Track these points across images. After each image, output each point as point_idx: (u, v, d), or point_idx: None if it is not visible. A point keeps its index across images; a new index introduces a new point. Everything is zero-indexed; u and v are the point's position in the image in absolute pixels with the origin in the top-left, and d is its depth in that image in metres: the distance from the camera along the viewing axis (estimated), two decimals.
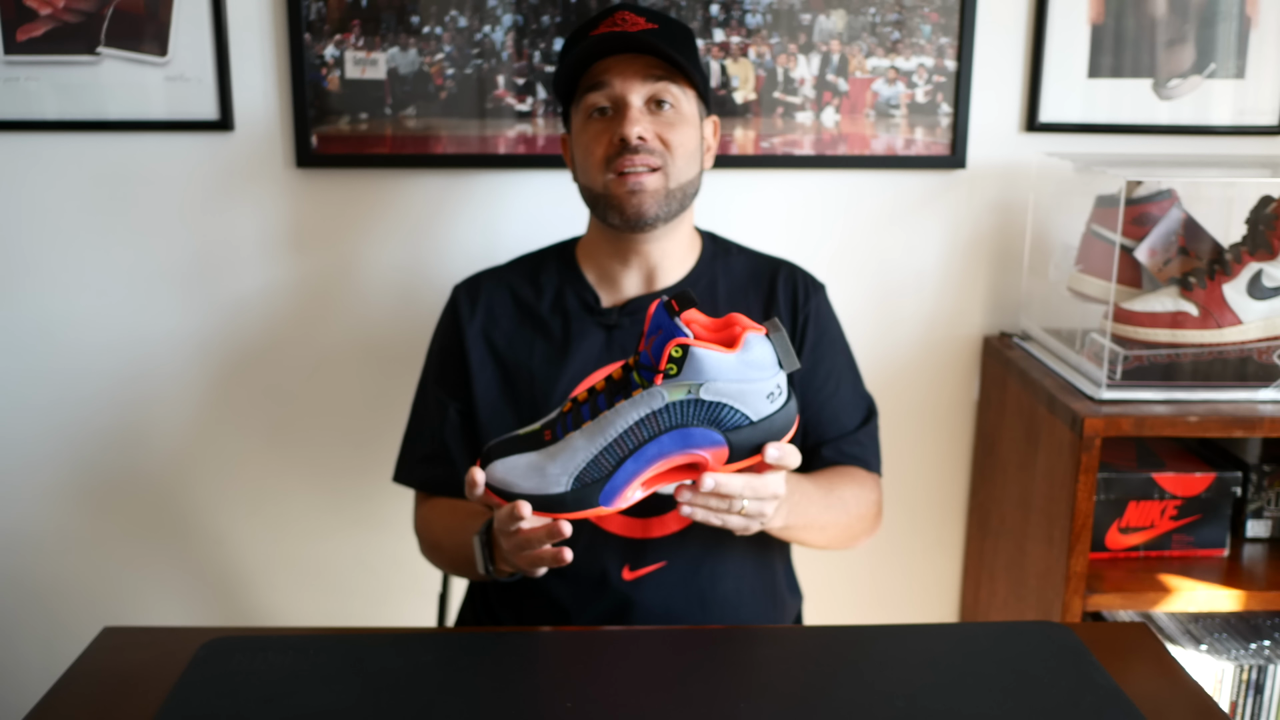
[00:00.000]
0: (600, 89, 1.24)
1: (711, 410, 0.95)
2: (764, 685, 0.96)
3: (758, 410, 0.97)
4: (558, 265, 1.38)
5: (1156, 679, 1.02)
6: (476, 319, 1.35)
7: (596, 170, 1.26)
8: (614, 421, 0.97)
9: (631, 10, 1.27)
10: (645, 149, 1.23)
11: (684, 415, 0.96)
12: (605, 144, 1.25)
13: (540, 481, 0.99)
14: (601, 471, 0.98)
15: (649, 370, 0.96)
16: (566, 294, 1.34)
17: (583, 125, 1.28)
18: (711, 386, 0.95)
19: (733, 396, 0.95)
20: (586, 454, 0.98)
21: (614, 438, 0.97)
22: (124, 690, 0.98)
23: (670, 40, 1.25)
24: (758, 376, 0.96)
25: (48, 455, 1.84)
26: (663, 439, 0.97)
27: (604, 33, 1.24)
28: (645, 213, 1.25)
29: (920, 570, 1.94)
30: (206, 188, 1.74)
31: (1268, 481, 1.66)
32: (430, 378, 1.40)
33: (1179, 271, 1.61)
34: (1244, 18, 1.75)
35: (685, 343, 0.95)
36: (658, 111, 1.25)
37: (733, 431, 0.97)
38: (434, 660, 1.00)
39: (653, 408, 0.96)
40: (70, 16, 1.67)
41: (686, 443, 0.97)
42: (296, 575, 1.90)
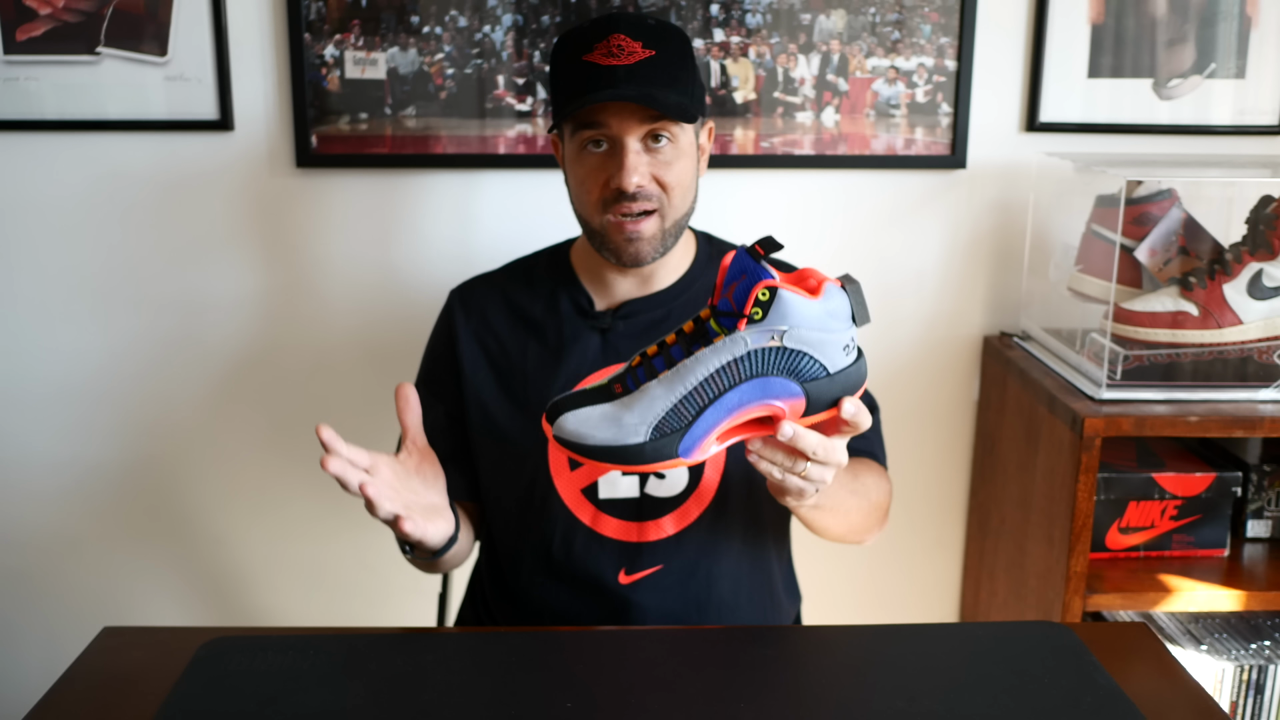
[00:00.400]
0: (594, 127, 1.20)
1: (792, 359, 0.94)
2: (764, 685, 0.96)
3: (835, 362, 0.95)
4: (551, 269, 1.37)
5: (1157, 679, 1.02)
6: (471, 324, 1.35)
7: (593, 208, 1.23)
8: (694, 369, 0.94)
9: (627, 32, 1.19)
10: (643, 195, 1.20)
11: (765, 364, 0.94)
12: (601, 184, 1.21)
13: (617, 432, 0.96)
14: (681, 421, 0.95)
15: (730, 317, 0.94)
16: (560, 297, 1.33)
17: (576, 154, 1.24)
18: (795, 334, 0.93)
19: (813, 345, 0.93)
20: (666, 402, 0.95)
21: (694, 385, 0.94)
22: (124, 690, 0.98)
23: (667, 68, 1.19)
24: (836, 327, 0.94)
25: (48, 455, 1.84)
26: (743, 387, 0.94)
27: (599, 64, 1.18)
28: (643, 258, 1.24)
29: (920, 570, 1.94)
30: (206, 188, 1.74)
31: (1268, 481, 1.66)
32: (421, 381, 1.39)
33: (1179, 271, 1.61)
34: (1244, 17, 1.75)
35: (774, 284, 0.92)
36: (654, 148, 1.21)
37: (810, 383, 0.95)
38: (434, 660, 1.00)
39: (734, 354, 0.93)
40: (70, 16, 1.67)
41: (766, 392, 0.95)
42: (296, 575, 1.90)
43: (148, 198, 1.74)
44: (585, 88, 1.17)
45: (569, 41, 1.23)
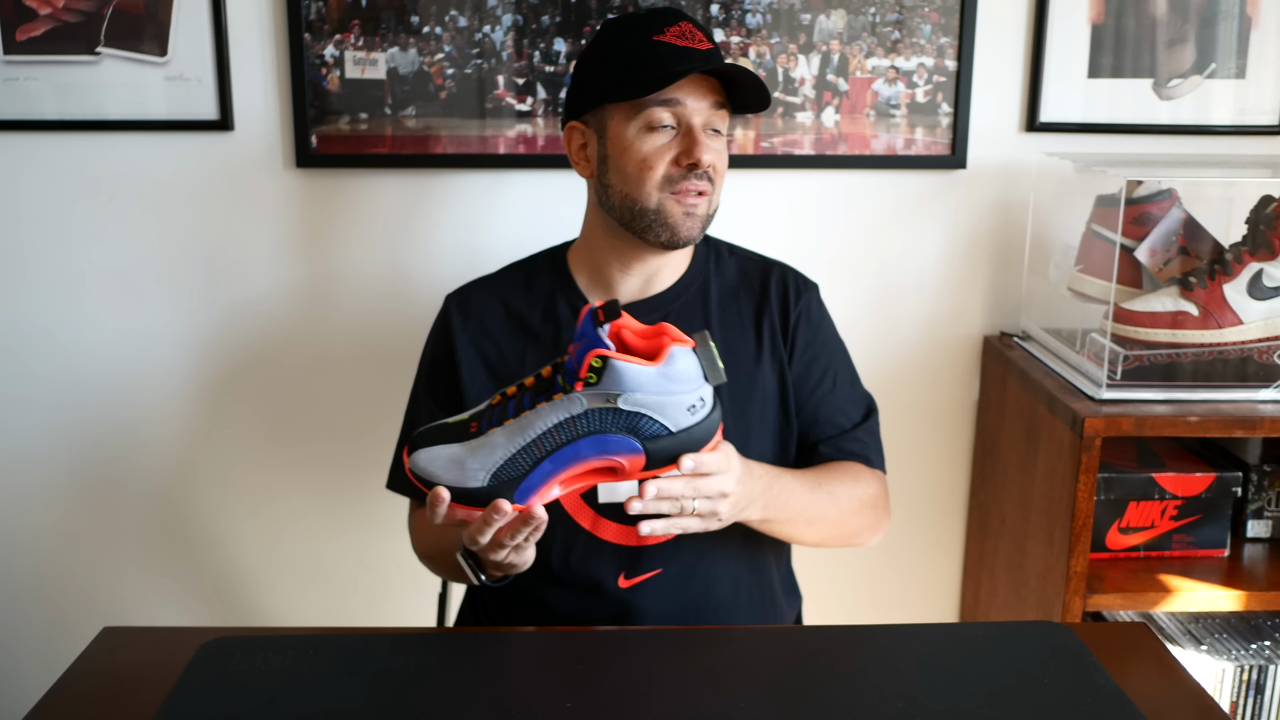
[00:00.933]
0: (671, 105, 1.22)
1: (630, 419, 0.98)
2: (764, 685, 0.96)
3: (677, 422, 0.99)
4: (549, 272, 1.36)
5: (1157, 679, 1.02)
6: (468, 329, 1.34)
7: (652, 186, 1.23)
8: (534, 423, 0.99)
9: (692, 24, 1.24)
10: (706, 175, 1.23)
11: (602, 422, 0.98)
12: (669, 162, 1.23)
13: (459, 475, 1.00)
14: (519, 470, 1.00)
15: (571, 376, 0.98)
16: (558, 302, 1.33)
17: (638, 134, 1.23)
18: (630, 398, 0.97)
19: (651, 408, 0.97)
20: (505, 451, 0.99)
21: (533, 438, 0.99)
22: (124, 690, 0.98)
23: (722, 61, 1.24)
24: (679, 389, 0.97)
25: (48, 455, 1.84)
26: (580, 443, 0.99)
27: (674, 44, 1.22)
28: (694, 236, 1.26)
29: (920, 570, 1.94)
30: (206, 188, 1.74)
31: (1268, 481, 1.66)
32: (421, 388, 1.38)
33: (1179, 271, 1.61)
34: (1244, 17, 1.75)
35: (604, 354, 0.96)
36: (711, 137, 1.25)
37: (651, 440, 0.99)
38: (434, 660, 1.00)
39: (571, 413, 0.98)
40: (70, 16, 1.67)
41: (604, 449, 0.99)
42: (296, 575, 1.90)
43: (148, 198, 1.74)
44: (667, 64, 1.20)
45: (630, 25, 1.25)
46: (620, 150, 1.25)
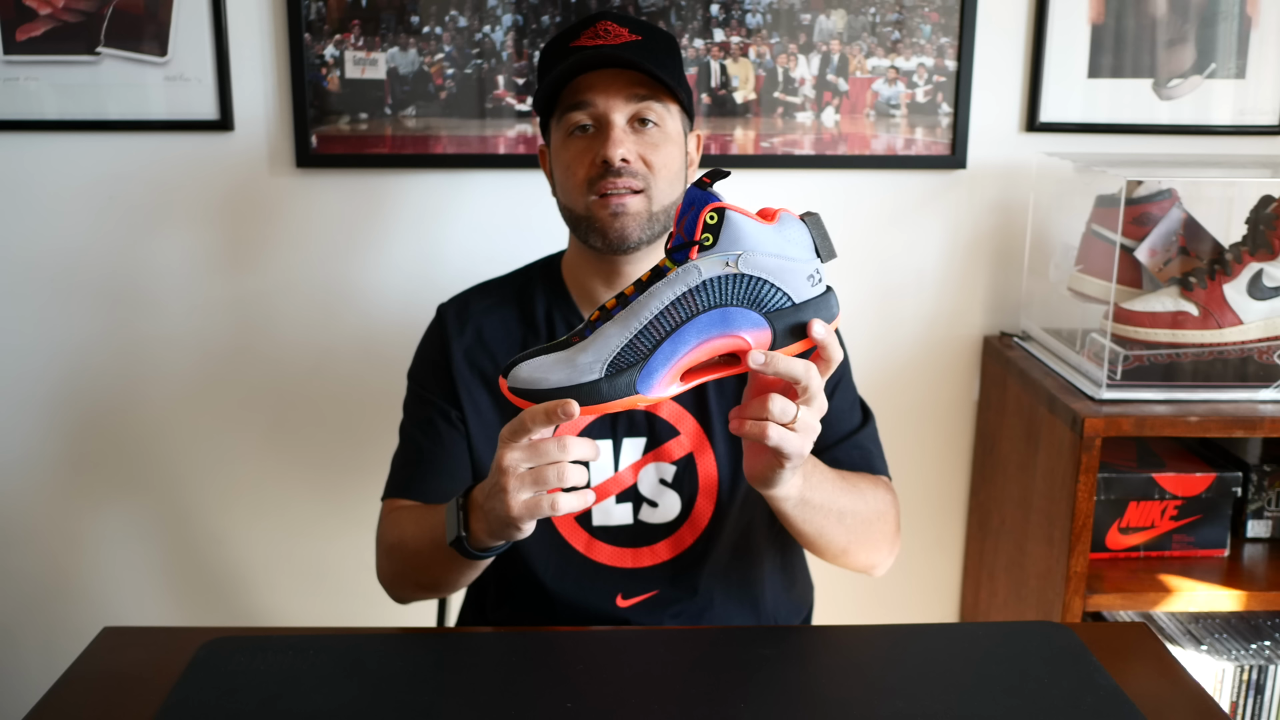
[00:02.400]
0: (582, 108, 1.19)
1: (752, 288, 0.89)
2: (764, 685, 0.96)
3: (799, 291, 0.91)
4: (544, 285, 1.32)
5: (1157, 679, 1.02)
6: (464, 339, 1.29)
7: (578, 191, 1.21)
8: (647, 304, 0.90)
9: (614, 20, 1.22)
10: (628, 171, 1.18)
11: (722, 293, 0.89)
12: (587, 164, 1.20)
13: (571, 372, 0.90)
14: (637, 356, 0.90)
15: (683, 250, 0.90)
16: (554, 316, 1.29)
17: (563, 143, 1.22)
18: (750, 259, 0.89)
19: (772, 273, 0.89)
20: (620, 339, 0.90)
21: (648, 320, 0.90)
22: (124, 690, 0.98)
23: (653, 54, 1.20)
24: (797, 255, 0.90)
25: (48, 455, 1.84)
26: (700, 319, 0.90)
27: (585, 46, 1.19)
28: (628, 236, 1.20)
29: (920, 570, 1.94)
30: (206, 188, 1.74)
31: (1268, 481, 1.66)
32: (414, 397, 1.31)
33: (1179, 271, 1.61)
34: (1244, 17, 1.75)
35: (721, 206, 0.89)
36: (641, 130, 1.20)
37: (775, 314, 0.90)
38: (434, 660, 1.00)
39: (688, 285, 0.89)
40: (70, 16, 1.67)
41: (726, 324, 0.90)
42: (296, 575, 1.90)
43: (148, 198, 1.74)
44: (572, 69, 1.17)
45: (556, 36, 1.25)
46: (556, 161, 1.24)
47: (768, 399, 0.94)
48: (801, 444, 0.97)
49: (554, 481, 0.93)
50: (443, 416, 1.27)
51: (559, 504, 0.94)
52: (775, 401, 0.94)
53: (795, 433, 0.96)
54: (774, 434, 0.95)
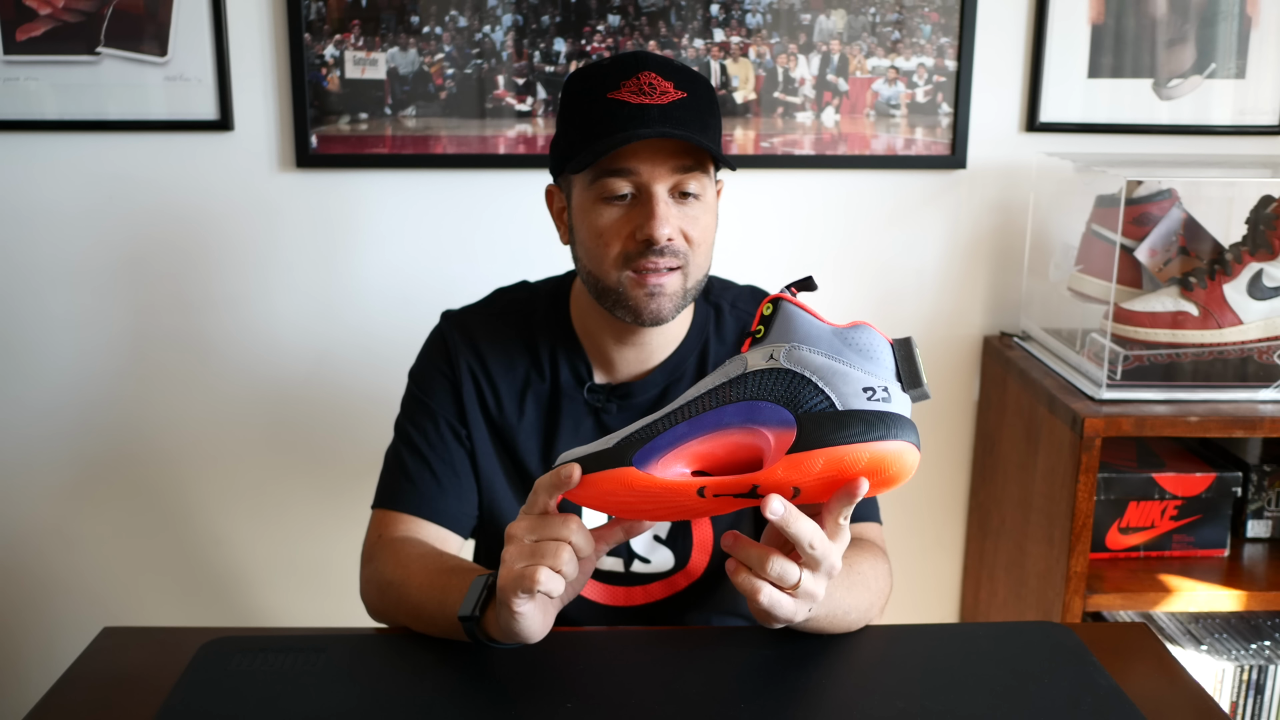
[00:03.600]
0: (623, 175, 1.08)
1: (790, 384, 0.80)
2: (764, 685, 0.96)
3: (846, 400, 0.80)
4: (551, 324, 1.22)
5: (1157, 679, 1.02)
6: (464, 357, 1.21)
7: (610, 264, 1.10)
8: (690, 394, 0.85)
9: (657, 71, 1.08)
10: (670, 250, 1.09)
11: (759, 387, 0.81)
12: (624, 237, 1.09)
13: (595, 444, 0.86)
14: (651, 433, 0.84)
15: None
16: (560, 362, 1.20)
17: (593, 205, 1.10)
18: (795, 353, 0.81)
19: (817, 371, 0.80)
20: (649, 418, 0.85)
21: (679, 405, 0.84)
22: (124, 690, 0.98)
23: (699, 113, 1.09)
24: (858, 363, 0.80)
25: (48, 455, 1.84)
26: (726, 409, 0.82)
27: (628, 102, 1.06)
28: (663, 316, 1.12)
29: (920, 570, 1.94)
30: (206, 188, 1.74)
31: (1268, 481, 1.66)
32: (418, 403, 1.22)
33: (1179, 271, 1.61)
34: (1244, 17, 1.75)
35: (780, 297, 0.82)
36: (682, 202, 1.10)
37: (808, 416, 0.80)
38: (434, 660, 1.00)
39: (729, 376, 0.83)
40: (70, 16, 1.67)
41: (751, 416, 0.81)
42: (296, 575, 1.90)
43: (148, 198, 1.74)
44: (614, 127, 1.06)
45: (588, 79, 1.10)
46: (581, 221, 1.13)
47: (768, 555, 0.85)
48: (794, 610, 0.89)
49: (549, 558, 0.87)
50: (452, 432, 1.20)
51: (538, 576, 0.86)
52: (775, 564, 0.85)
53: (793, 598, 0.88)
54: (765, 597, 0.86)
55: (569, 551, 0.88)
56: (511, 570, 0.88)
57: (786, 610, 0.88)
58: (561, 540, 0.88)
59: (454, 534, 1.19)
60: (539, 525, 0.89)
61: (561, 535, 0.88)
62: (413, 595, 1.05)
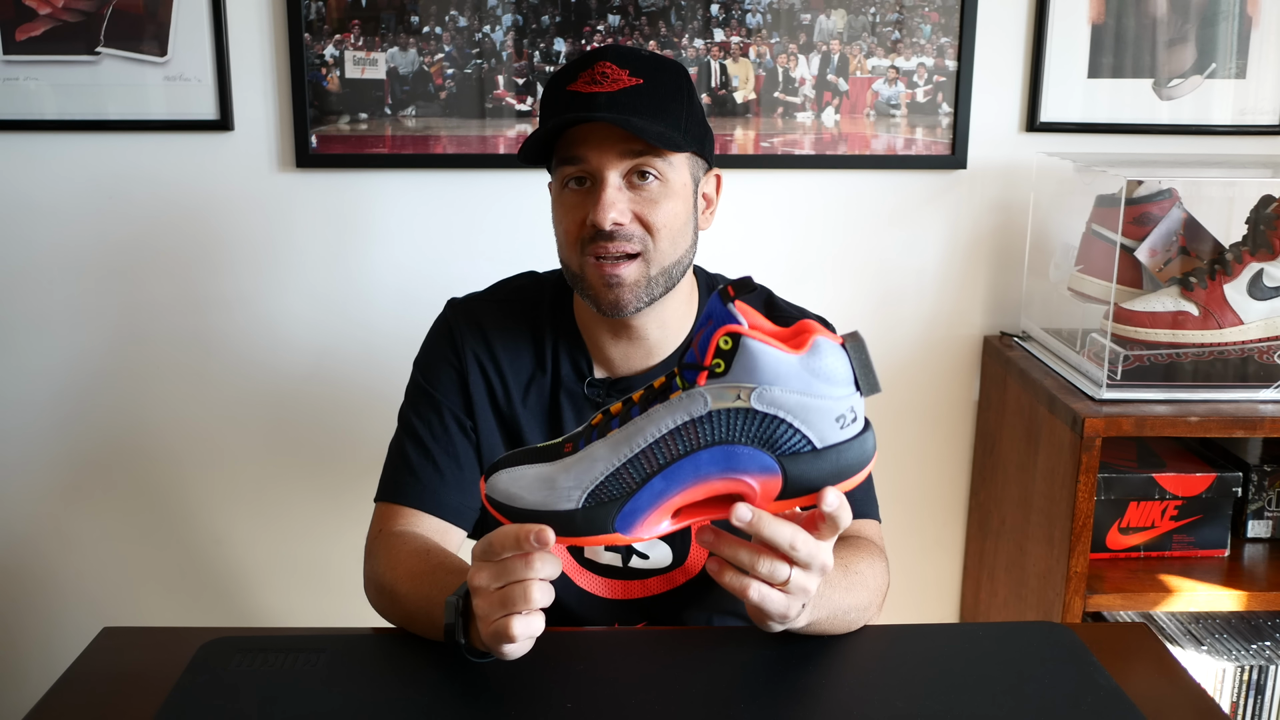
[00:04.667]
0: (573, 162, 1.09)
1: (765, 426, 0.77)
2: (764, 685, 0.96)
3: (823, 435, 0.78)
4: (555, 316, 1.22)
5: (1157, 679, 1.02)
6: (470, 345, 1.20)
7: (571, 249, 1.12)
8: (644, 429, 0.79)
9: (615, 60, 1.09)
10: (622, 234, 1.08)
11: (730, 428, 0.78)
12: (579, 223, 1.10)
13: (548, 495, 0.82)
14: (622, 489, 0.80)
15: (693, 370, 0.78)
16: (561, 355, 1.20)
17: (558, 194, 1.13)
18: (766, 394, 0.77)
19: (792, 411, 0.77)
20: (607, 466, 0.80)
21: (641, 448, 0.79)
22: (124, 690, 0.98)
23: (656, 99, 1.09)
24: (826, 392, 0.77)
25: (47, 455, 1.84)
26: (701, 455, 0.79)
27: (580, 92, 1.08)
28: (624, 306, 1.11)
29: (920, 570, 1.94)
30: (206, 188, 1.74)
31: (1268, 482, 1.65)
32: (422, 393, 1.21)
33: (1179, 271, 1.61)
34: (1244, 17, 1.75)
35: (737, 331, 0.77)
36: (639, 185, 1.09)
37: (789, 458, 0.78)
38: (434, 660, 1.00)
39: (692, 415, 0.78)
40: (70, 16, 1.67)
41: (730, 464, 0.79)
42: (296, 575, 1.90)
43: (148, 198, 1.74)
44: (563, 113, 1.08)
45: (557, 74, 1.14)
46: (553, 213, 1.15)
47: (758, 553, 0.84)
48: (787, 606, 0.88)
49: (519, 603, 0.85)
50: (457, 424, 1.19)
51: (513, 629, 0.86)
52: (764, 563, 0.84)
53: (785, 594, 0.87)
54: (755, 593, 0.86)
55: (537, 587, 0.86)
56: (488, 624, 0.88)
57: (778, 607, 0.88)
58: (527, 581, 0.86)
59: (456, 527, 1.18)
60: (501, 572, 0.87)
61: (526, 576, 0.86)
62: (401, 596, 1.05)
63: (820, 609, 0.97)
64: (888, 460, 1.81)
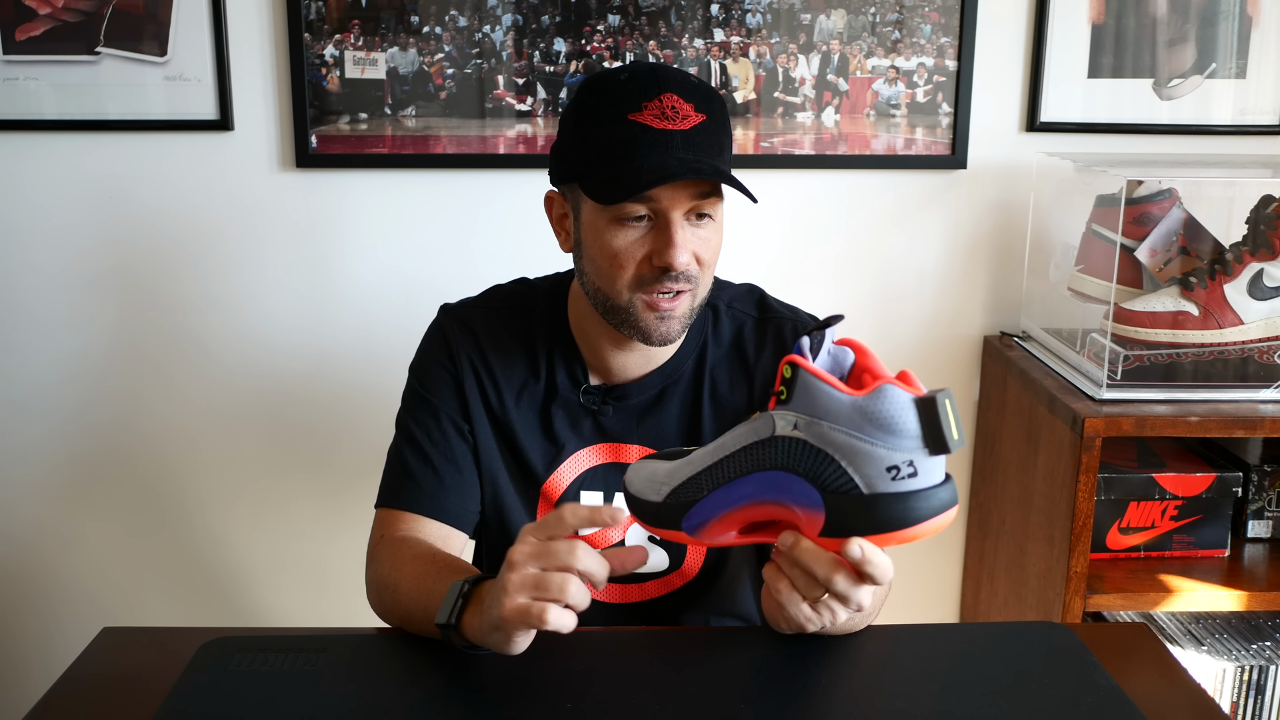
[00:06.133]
0: (645, 201, 1.06)
1: (816, 460, 0.79)
2: (764, 685, 0.96)
3: (869, 481, 0.78)
4: (549, 324, 1.21)
5: (1157, 679, 1.01)
6: (465, 350, 1.20)
7: (623, 285, 1.09)
8: (728, 442, 0.85)
9: (679, 92, 1.06)
10: (684, 275, 1.08)
11: (789, 455, 0.80)
12: (639, 260, 1.08)
13: (648, 487, 0.88)
14: (695, 493, 0.86)
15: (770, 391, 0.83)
16: (556, 363, 1.20)
17: (608, 226, 1.08)
18: (815, 427, 0.78)
19: (839, 450, 0.78)
20: (694, 469, 0.86)
21: (719, 458, 0.85)
22: (124, 690, 0.98)
23: (717, 135, 1.08)
24: (880, 439, 0.77)
25: (47, 455, 1.84)
26: (760, 476, 0.82)
27: (653, 127, 1.05)
28: (671, 338, 1.12)
29: (920, 570, 1.94)
30: (206, 188, 1.74)
31: (1268, 481, 1.65)
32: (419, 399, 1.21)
33: (1180, 271, 1.61)
34: (1244, 17, 1.75)
35: (795, 361, 0.80)
36: (698, 224, 1.09)
37: (836, 496, 0.79)
38: (433, 660, 1.00)
39: (759, 436, 0.82)
40: (70, 16, 1.67)
41: (781, 490, 0.81)
42: (297, 575, 1.90)
43: (147, 197, 1.74)
44: (637, 152, 1.05)
45: (609, 95, 1.08)
46: (592, 239, 1.11)
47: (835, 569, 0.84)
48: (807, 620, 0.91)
49: (555, 592, 0.85)
50: (454, 428, 1.19)
51: (548, 616, 0.85)
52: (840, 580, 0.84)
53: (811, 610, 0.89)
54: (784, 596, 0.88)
55: (578, 584, 0.86)
56: (515, 602, 0.86)
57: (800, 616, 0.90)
58: (570, 570, 0.86)
59: (458, 531, 1.18)
60: (545, 553, 0.87)
61: (570, 564, 0.86)
62: (403, 597, 1.05)
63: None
64: None
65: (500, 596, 0.87)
